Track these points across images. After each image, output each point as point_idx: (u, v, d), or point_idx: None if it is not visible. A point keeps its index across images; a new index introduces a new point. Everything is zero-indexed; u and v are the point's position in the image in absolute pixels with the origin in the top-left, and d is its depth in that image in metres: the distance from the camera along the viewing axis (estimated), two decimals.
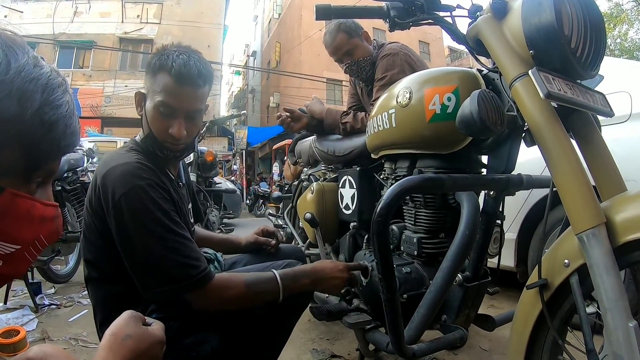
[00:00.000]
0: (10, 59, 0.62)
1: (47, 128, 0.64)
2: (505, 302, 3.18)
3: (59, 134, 0.66)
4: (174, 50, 1.40)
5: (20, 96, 0.61)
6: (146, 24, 22.41)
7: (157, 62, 1.38)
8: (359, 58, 2.44)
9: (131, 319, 0.85)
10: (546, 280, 1.10)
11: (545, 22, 1.09)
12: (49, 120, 0.65)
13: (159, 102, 1.37)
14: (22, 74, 0.62)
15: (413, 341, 1.36)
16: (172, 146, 1.44)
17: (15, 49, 0.64)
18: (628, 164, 2.17)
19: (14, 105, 0.60)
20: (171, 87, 1.36)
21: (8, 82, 0.60)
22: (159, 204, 1.29)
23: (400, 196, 1.21)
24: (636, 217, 0.98)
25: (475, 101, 1.12)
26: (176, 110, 1.39)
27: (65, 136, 0.68)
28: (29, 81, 0.63)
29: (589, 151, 1.20)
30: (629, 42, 22.41)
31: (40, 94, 0.64)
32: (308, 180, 2.67)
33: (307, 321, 2.74)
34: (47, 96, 0.65)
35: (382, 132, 1.64)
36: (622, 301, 0.93)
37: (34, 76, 0.63)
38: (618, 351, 0.92)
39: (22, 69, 0.62)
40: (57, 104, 0.66)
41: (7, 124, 0.60)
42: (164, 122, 1.40)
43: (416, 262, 1.66)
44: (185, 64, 1.36)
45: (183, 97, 1.39)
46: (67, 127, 0.68)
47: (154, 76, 1.39)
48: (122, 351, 0.78)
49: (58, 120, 0.66)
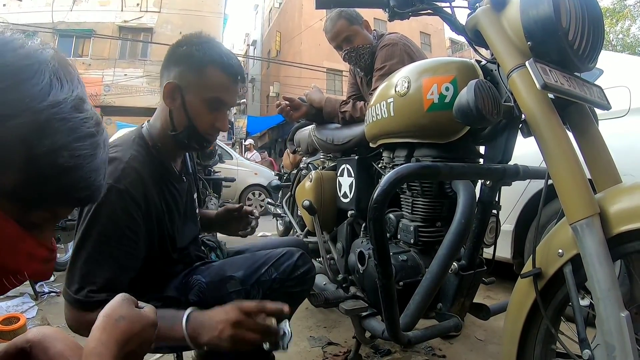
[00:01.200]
0: (52, 89, 0.61)
1: (58, 172, 0.62)
2: (502, 293, 3.21)
3: (71, 183, 0.64)
4: (215, 44, 1.41)
5: (41, 129, 0.59)
6: (146, 12, 22.28)
7: (205, 57, 1.36)
8: (358, 45, 2.44)
9: (124, 301, 0.85)
10: (540, 270, 1.11)
11: (543, 14, 1.09)
12: (62, 165, 0.62)
13: (212, 97, 1.38)
14: (54, 109, 0.60)
15: (408, 328, 1.38)
16: (212, 138, 1.47)
17: (64, 82, 0.63)
18: (626, 158, 2.19)
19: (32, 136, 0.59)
20: (226, 83, 1.39)
21: (36, 112, 0.59)
22: (117, 214, 1.24)
23: (397, 183, 1.22)
24: (630, 208, 0.99)
25: (472, 91, 1.12)
26: (227, 106, 1.43)
27: (77, 189, 0.66)
28: (57, 119, 0.61)
29: (585, 143, 1.21)
30: (631, 38, 22.35)
31: (65, 136, 0.62)
32: (307, 169, 2.69)
33: (305, 309, 2.77)
34: (70, 141, 0.62)
35: (381, 121, 1.65)
36: (614, 291, 0.94)
37: (65, 117, 0.62)
38: (610, 340, 0.93)
39: (57, 105, 0.61)
40: (78, 154, 0.64)
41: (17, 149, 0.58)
42: (212, 116, 1.41)
43: (413, 251, 1.67)
44: (237, 63, 1.40)
45: (235, 93, 1.43)
46: (83, 181, 0.66)
47: (202, 70, 1.36)
48: (115, 332, 0.78)
49: (73, 169, 0.64)
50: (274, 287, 1.43)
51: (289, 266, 1.47)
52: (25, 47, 0.62)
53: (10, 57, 0.60)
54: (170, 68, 1.40)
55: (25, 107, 0.58)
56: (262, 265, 1.45)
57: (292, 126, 2.96)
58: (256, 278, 1.42)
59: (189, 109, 1.39)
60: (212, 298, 1.39)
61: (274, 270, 1.44)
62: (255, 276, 1.42)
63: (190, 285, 1.40)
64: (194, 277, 1.42)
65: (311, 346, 2.28)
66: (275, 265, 1.45)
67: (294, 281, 1.47)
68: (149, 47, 21.88)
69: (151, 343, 0.87)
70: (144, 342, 0.85)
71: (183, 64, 1.38)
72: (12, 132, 0.58)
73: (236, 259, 1.55)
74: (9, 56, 0.60)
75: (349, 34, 2.43)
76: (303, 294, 1.59)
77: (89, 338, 0.77)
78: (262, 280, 1.42)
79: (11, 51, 0.60)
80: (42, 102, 0.59)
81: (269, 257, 1.48)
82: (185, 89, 1.38)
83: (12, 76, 0.59)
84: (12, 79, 0.59)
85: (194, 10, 22.12)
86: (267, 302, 1.20)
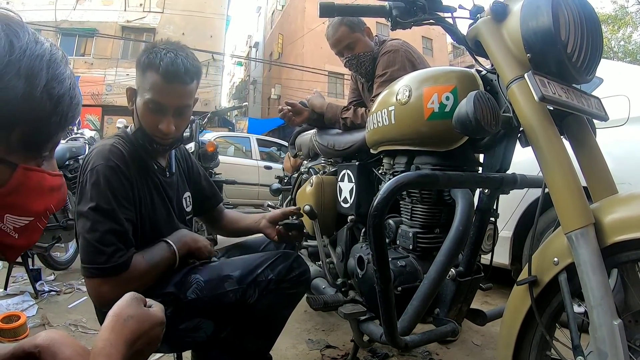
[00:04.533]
0: (12, 39, 0.63)
1: (55, 102, 0.67)
2: (499, 300, 3.22)
3: (65, 106, 0.69)
4: (162, 48, 1.43)
5: (29, 74, 0.63)
6: (149, 12, 22.30)
7: (145, 60, 1.42)
8: (359, 52, 2.45)
9: (133, 300, 0.87)
10: (536, 277, 1.13)
11: (543, 26, 1.11)
12: (57, 95, 0.67)
13: (148, 99, 1.42)
14: (26, 52, 0.64)
15: (406, 333, 1.40)
16: (161, 140, 1.49)
17: (15, 27, 0.65)
18: (624, 167, 2.22)
19: (23, 83, 0.62)
20: (159, 85, 1.40)
21: (15, 62, 0.62)
22: (112, 184, 1.34)
23: (396, 191, 1.24)
24: (624, 218, 1.01)
25: (471, 102, 1.14)
26: (165, 107, 1.44)
27: (71, 107, 0.70)
28: (34, 58, 0.64)
29: (582, 154, 1.23)
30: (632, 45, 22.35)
31: (46, 70, 0.66)
32: (307, 173, 2.70)
33: (304, 312, 2.78)
34: (52, 71, 0.67)
35: (382, 128, 1.67)
36: (607, 299, 0.96)
37: (38, 53, 0.65)
38: (602, 348, 0.95)
39: (25, 48, 0.64)
40: (62, 78, 0.68)
41: (18, 103, 0.62)
42: (153, 118, 1.45)
43: (411, 256, 1.69)
44: (172, 62, 1.40)
45: (171, 94, 1.43)
46: (72, 99, 0.70)
47: (143, 74, 1.43)
48: (124, 331, 0.80)
49: (64, 94, 0.68)
50: (270, 288, 1.47)
51: (284, 268, 1.51)
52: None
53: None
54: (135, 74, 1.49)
55: (5, 64, 0.61)
56: (259, 266, 1.49)
57: (292, 128, 2.98)
58: (252, 278, 1.46)
59: (138, 111, 1.47)
60: (210, 296, 1.42)
61: (270, 272, 1.49)
62: (251, 276, 1.46)
63: (189, 283, 1.43)
64: (192, 275, 1.46)
65: (309, 349, 2.30)
66: (271, 267, 1.50)
67: (289, 282, 1.52)
68: None
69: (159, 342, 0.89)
70: (152, 341, 0.86)
71: (137, 69, 1.47)
72: (10, 92, 0.61)
73: (233, 259, 1.59)
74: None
75: (350, 42, 2.44)
76: (298, 296, 1.62)
77: (98, 338, 0.79)
78: (259, 280, 1.47)
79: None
80: (13, 53, 0.62)
81: (265, 258, 1.52)
82: (137, 92, 1.47)
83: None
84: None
85: (197, 11, 22.14)
86: None
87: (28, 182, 0.68)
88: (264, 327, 1.54)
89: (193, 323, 1.43)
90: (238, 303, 1.44)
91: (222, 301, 1.43)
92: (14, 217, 0.68)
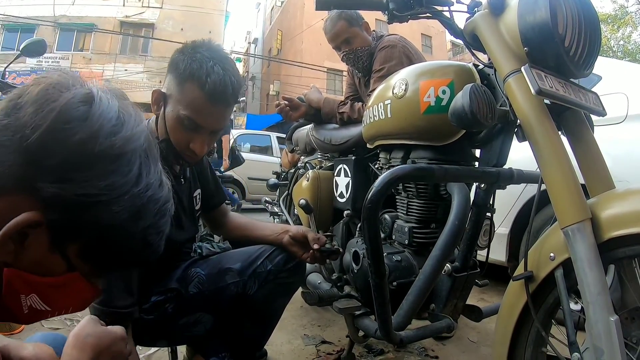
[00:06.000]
0: (143, 172, 0.63)
1: (143, 246, 0.67)
2: (496, 296, 3.21)
3: (149, 253, 0.70)
4: (206, 57, 1.28)
5: (138, 212, 0.63)
6: (148, 8, 22.29)
7: (187, 69, 1.26)
8: (357, 47, 2.44)
9: (90, 321, 0.87)
10: (532, 273, 1.12)
11: (540, 20, 1.10)
12: (149, 242, 0.68)
13: (184, 115, 1.28)
14: (149, 192, 0.64)
15: (401, 328, 1.39)
16: (190, 159, 1.38)
17: (150, 161, 0.66)
18: (622, 164, 2.21)
19: (126, 217, 0.62)
20: (201, 104, 1.27)
21: (135, 196, 0.62)
22: None
23: (391, 184, 1.24)
24: (621, 214, 1.00)
25: (467, 95, 1.13)
26: (202, 128, 1.31)
27: (151, 255, 0.71)
28: (149, 201, 0.65)
29: (580, 149, 1.22)
30: (632, 45, 22.33)
31: (153, 216, 0.66)
32: (304, 168, 2.70)
33: (299, 307, 2.78)
34: (156, 220, 0.67)
35: (378, 122, 1.66)
36: (603, 295, 0.95)
37: (156, 198, 0.66)
38: (598, 344, 0.94)
39: (150, 187, 0.64)
40: (160, 230, 0.69)
41: (112, 229, 0.62)
42: (186, 135, 1.31)
43: (407, 251, 1.68)
44: (221, 82, 1.26)
45: (213, 116, 1.31)
46: (159, 249, 0.71)
47: (182, 83, 1.28)
48: (85, 348, 0.80)
49: (154, 244, 0.69)
50: (268, 279, 1.49)
51: (282, 258, 1.53)
52: (120, 133, 0.63)
53: (107, 145, 0.61)
54: (166, 74, 1.36)
55: (122, 192, 0.61)
56: (258, 258, 1.50)
57: (291, 125, 2.97)
58: (252, 270, 1.47)
59: (168, 122, 1.33)
60: (211, 289, 1.42)
61: (268, 263, 1.50)
62: (251, 268, 1.47)
63: (190, 277, 1.43)
64: (192, 269, 1.46)
65: (305, 344, 2.29)
66: (270, 258, 1.51)
67: (287, 272, 1.53)
68: (149, 43, 21.91)
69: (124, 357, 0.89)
70: (116, 356, 0.87)
71: (170, 72, 1.33)
72: (111, 218, 0.61)
73: (231, 253, 1.59)
74: (106, 144, 0.61)
75: (348, 36, 2.43)
76: (296, 285, 1.63)
77: (62, 357, 0.79)
78: (258, 272, 1.48)
79: (106, 137, 0.61)
80: (138, 185, 0.63)
81: (263, 250, 1.53)
82: (167, 99, 1.33)
83: (109, 164, 0.61)
84: (107, 167, 0.61)
85: (196, 7, 22.14)
86: None
87: (73, 286, 0.68)
88: (261, 315, 1.55)
89: (193, 317, 1.44)
90: (238, 295, 1.45)
91: (224, 294, 1.44)
92: (37, 300, 0.67)
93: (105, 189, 0.60)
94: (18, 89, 0.64)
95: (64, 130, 0.59)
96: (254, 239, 1.64)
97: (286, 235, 1.57)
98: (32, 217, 0.58)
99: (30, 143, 0.57)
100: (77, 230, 0.62)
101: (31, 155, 0.58)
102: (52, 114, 0.59)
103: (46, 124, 0.58)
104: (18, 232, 0.58)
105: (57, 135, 0.58)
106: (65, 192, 0.58)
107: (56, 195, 0.58)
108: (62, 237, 0.62)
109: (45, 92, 0.61)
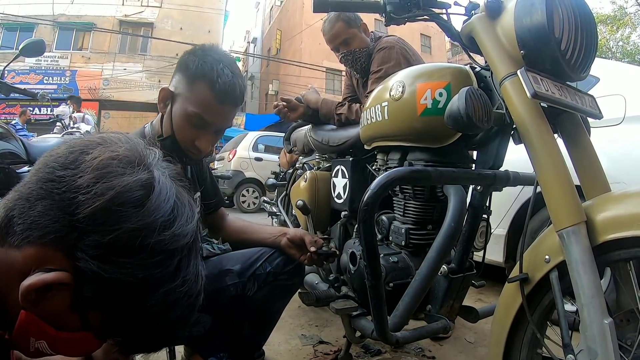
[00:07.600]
0: (182, 267, 0.66)
1: (167, 336, 0.70)
2: (493, 297, 3.22)
3: (171, 341, 0.70)
4: (216, 59, 1.34)
5: (169, 307, 0.66)
6: (147, 7, 22.27)
7: (198, 69, 1.33)
8: (355, 48, 2.44)
9: None
10: (527, 275, 1.13)
11: (537, 23, 1.11)
12: (174, 332, 0.70)
13: (193, 113, 1.34)
14: (184, 287, 0.67)
15: (397, 329, 1.40)
16: (195, 156, 1.43)
17: (191, 256, 0.69)
18: (619, 166, 2.21)
19: (160, 312, 0.64)
20: (210, 103, 1.33)
21: (170, 291, 0.65)
22: None
23: (387, 186, 1.24)
24: (616, 217, 1.00)
25: (463, 98, 1.14)
26: (209, 125, 1.37)
27: (174, 343, 0.71)
28: (185, 296, 0.67)
29: (576, 151, 1.23)
30: (631, 46, 22.36)
31: (183, 310, 0.69)
32: (302, 169, 2.70)
33: (297, 307, 2.78)
34: (185, 314, 0.70)
35: (375, 124, 1.66)
36: (598, 298, 0.96)
37: (190, 293, 0.69)
38: (592, 346, 0.95)
39: (186, 282, 0.68)
40: (188, 322, 0.71)
41: (142, 318, 0.64)
42: (192, 133, 1.37)
43: (403, 252, 1.68)
44: (230, 83, 1.33)
45: (220, 114, 1.37)
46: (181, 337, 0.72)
47: (191, 82, 1.34)
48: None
49: (179, 334, 0.71)
50: (268, 281, 1.50)
51: (281, 261, 1.54)
52: (171, 229, 0.64)
53: (155, 241, 0.63)
54: (174, 74, 1.40)
55: (158, 286, 0.63)
56: (257, 260, 1.51)
57: (290, 124, 2.98)
58: (252, 271, 1.48)
59: (175, 119, 1.37)
60: (211, 290, 1.42)
61: (268, 264, 1.51)
62: (251, 270, 1.48)
63: None
64: None
65: (302, 344, 2.29)
66: (270, 260, 1.52)
67: (286, 274, 1.54)
68: (149, 42, 21.90)
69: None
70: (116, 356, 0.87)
71: (180, 72, 1.37)
72: (145, 309, 0.63)
73: (231, 254, 1.60)
74: (155, 239, 0.62)
75: (346, 37, 2.43)
76: (295, 287, 1.64)
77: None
78: (258, 273, 1.49)
79: (156, 232, 0.63)
80: (173, 281, 0.65)
81: (262, 252, 1.54)
82: (175, 97, 1.37)
83: (152, 257, 0.62)
84: (150, 260, 0.62)
85: (195, 6, 22.14)
86: None
87: (82, 341, 0.68)
88: (260, 317, 1.56)
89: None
90: (238, 296, 1.45)
91: (223, 295, 1.44)
92: (45, 346, 0.67)
93: (143, 281, 0.61)
94: (82, 140, 0.65)
95: (118, 212, 0.60)
96: (252, 242, 1.66)
97: (284, 238, 1.59)
98: (63, 279, 0.59)
99: (81, 212, 0.58)
100: (104, 306, 0.62)
101: (79, 222, 0.58)
102: (109, 192, 0.59)
103: (101, 201, 0.59)
104: (45, 285, 0.58)
105: (109, 216, 0.59)
106: (104, 272, 0.59)
107: (94, 272, 0.59)
108: (86, 304, 0.62)
109: (109, 164, 0.61)
